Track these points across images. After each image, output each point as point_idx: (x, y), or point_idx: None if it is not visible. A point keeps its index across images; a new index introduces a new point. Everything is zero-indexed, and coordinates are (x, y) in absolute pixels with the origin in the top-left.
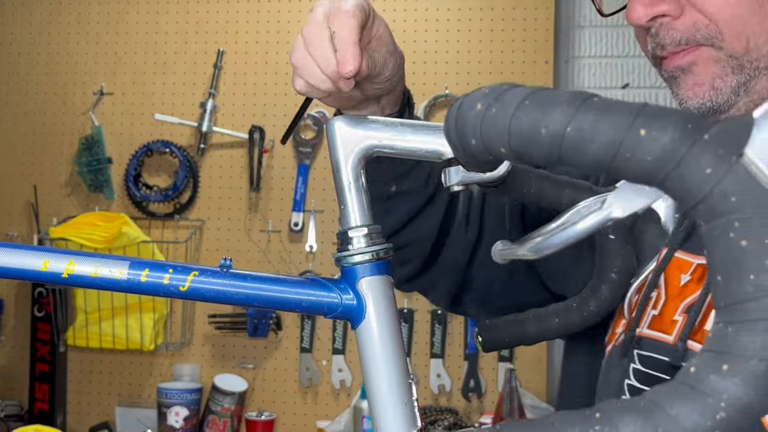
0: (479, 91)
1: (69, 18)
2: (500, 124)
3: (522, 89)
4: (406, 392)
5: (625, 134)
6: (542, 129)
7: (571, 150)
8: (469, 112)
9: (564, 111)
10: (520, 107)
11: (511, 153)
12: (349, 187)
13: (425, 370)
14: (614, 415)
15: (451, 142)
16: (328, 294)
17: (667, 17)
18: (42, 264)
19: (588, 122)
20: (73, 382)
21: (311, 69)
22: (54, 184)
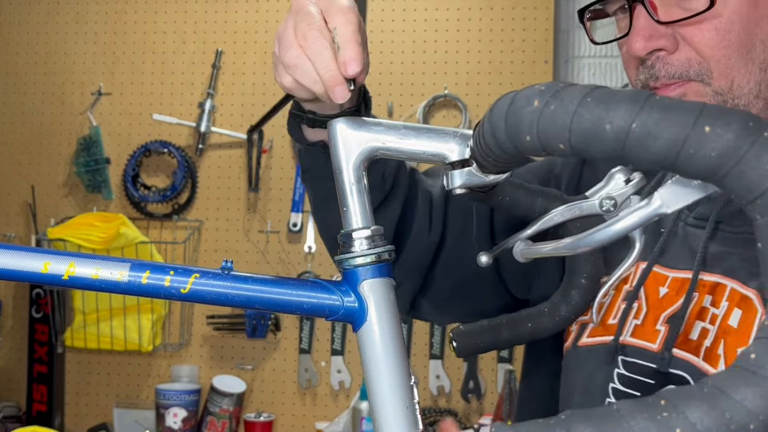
0: (533, 89)
1: (67, 18)
2: (560, 120)
3: (581, 87)
4: (407, 395)
5: (690, 131)
6: (606, 125)
7: (635, 146)
8: (525, 109)
9: (628, 108)
10: (582, 104)
11: (570, 149)
12: (351, 189)
13: (424, 371)
14: (680, 402)
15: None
16: (330, 296)
17: (663, 51)
18: (42, 266)
19: (653, 119)
20: (71, 384)
21: (306, 68)
22: (52, 184)
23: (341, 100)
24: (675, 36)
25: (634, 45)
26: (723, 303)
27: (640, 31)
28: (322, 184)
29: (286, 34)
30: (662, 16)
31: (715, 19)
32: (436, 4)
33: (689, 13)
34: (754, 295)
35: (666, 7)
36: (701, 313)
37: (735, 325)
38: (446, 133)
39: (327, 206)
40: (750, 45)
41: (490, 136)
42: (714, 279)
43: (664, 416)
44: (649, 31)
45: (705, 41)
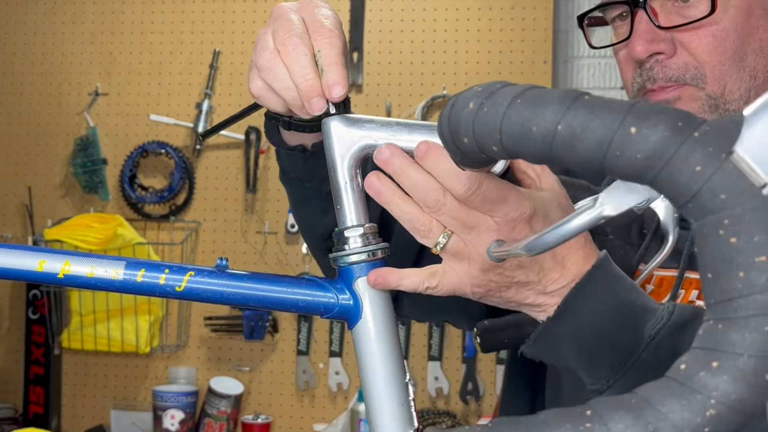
0: (472, 90)
1: (63, 18)
2: (492, 122)
3: (513, 87)
4: (402, 392)
5: (615, 132)
6: (533, 127)
7: (562, 148)
8: (462, 111)
9: (554, 109)
10: (512, 106)
11: (503, 151)
12: (345, 187)
13: (423, 373)
14: (605, 413)
15: (444, 140)
16: (325, 294)
17: (662, 55)
18: (38, 264)
19: (578, 120)
20: (67, 385)
21: (279, 72)
22: (48, 185)
23: (317, 112)
24: (673, 41)
25: (636, 48)
26: None
27: (642, 34)
28: (301, 185)
29: (264, 37)
30: (662, 21)
31: (712, 26)
32: (435, 4)
33: (688, 20)
34: None
35: (666, 13)
36: None
37: None
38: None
39: (305, 207)
40: (743, 53)
41: (441, 137)
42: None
43: (587, 426)
44: (651, 35)
45: (702, 47)
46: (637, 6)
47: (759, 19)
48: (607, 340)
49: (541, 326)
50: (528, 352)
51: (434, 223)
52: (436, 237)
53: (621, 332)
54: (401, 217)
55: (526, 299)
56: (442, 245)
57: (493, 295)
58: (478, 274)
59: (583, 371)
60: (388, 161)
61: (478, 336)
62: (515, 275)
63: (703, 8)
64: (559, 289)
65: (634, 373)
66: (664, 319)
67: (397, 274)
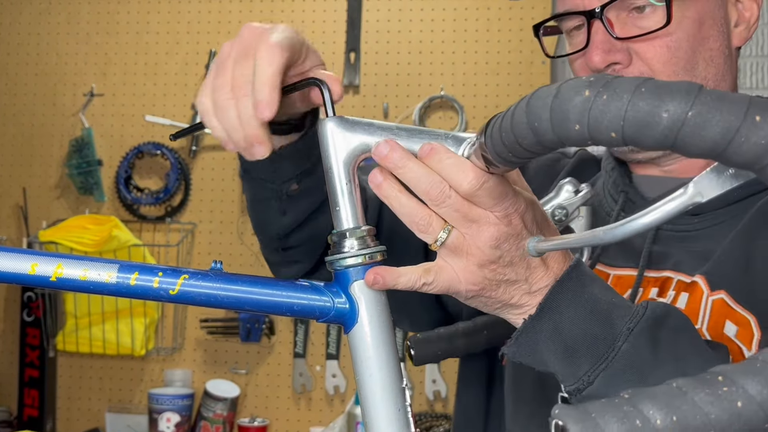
0: (580, 80)
1: (58, 18)
2: (615, 109)
3: (631, 78)
4: (399, 397)
5: (743, 120)
6: (663, 113)
7: (689, 135)
8: (573, 99)
9: (684, 98)
10: (637, 93)
11: (621, 138)
12: (342, 189)
13: (420, 376)
14: (737, 377)
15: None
16: (321, 297)
17: (619, 65)
18: (30, 267)
19: (707, 108)
20: (62, 388)
21: (230, 117)
22: (43, 186)
23: (258, 158)
24: (629, 51)
25: (594, 58)
26: (670, 293)
27: (599, 45)
28: (261, 185)
29: (224, 65)
30: (618, 32)
31: (666, 37)
32: (432, 4)
33: (644, 31)
34: (701, 279)
35: (621, 24)
36: None
37: (683, 306)
38: (439, 135)
39: (264, 206)
40: (694, 62)
41: (526, 128)
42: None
43: (724, 391)
44: (607, 45)
45: (657, 57)
46: (594, 17)
47: (709, 29)
48: (585, 336)
49: (522, 325)
50: (509, 353)
51: (434, 217)
52: (436, 232)
53: (598, 327)
54: (401, 211)
55: (512, 299)
56: (442, 240)
57: (483, 295)
58: (474, 270)
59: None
60: (388, 156)
61: (411, 348)
62: (506, 273)
63: (658, 19)
64: (542, 289)
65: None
66: (640, 314)
67: (395, 273)
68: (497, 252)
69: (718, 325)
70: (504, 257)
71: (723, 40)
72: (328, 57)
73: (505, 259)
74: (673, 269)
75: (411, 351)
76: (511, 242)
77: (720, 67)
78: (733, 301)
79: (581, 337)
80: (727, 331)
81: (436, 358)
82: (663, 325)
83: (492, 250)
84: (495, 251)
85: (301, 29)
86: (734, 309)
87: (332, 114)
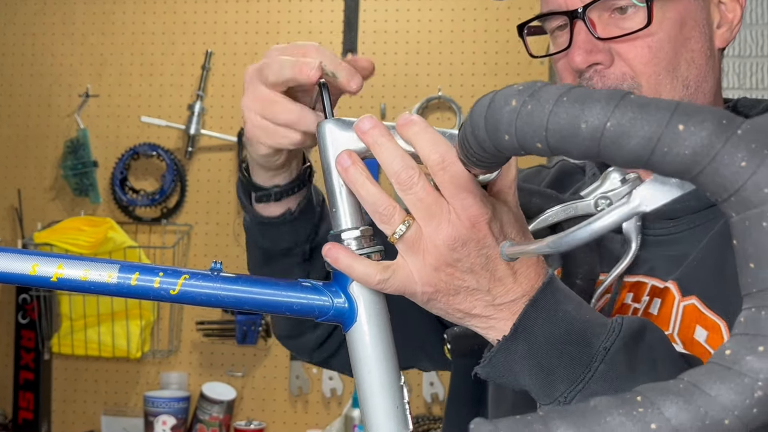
0: (511, 89)
1: (54, 18)
2: (537, 119)
3: (557, 86)
4: (397, 395)
5: (664, 129)
6: (582, 124)
7: (610, 145)
8: (502, 109)
9: (603, 107)
10: (558, 103)
11: (547, 148)
12: (340, 190)
13: (418, 379)
14: (656, 398)
15: (471, 138)
16: (320, 297)
17: (600, 65)
18: (31, 267)
19: (627, 118)
20: (58, 391)
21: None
22: (38, 188)
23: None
24: (611, 52)
25: (576, 58)
26: (644, 298)
27: (581, 45)
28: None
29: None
30: (600, 32)
31: (648, 37)
32: (430, 4)
33: (625, 31)
34: (672, 285)
35: (603, 24)
36: (624, 310)
37: (655, 312)
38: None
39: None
40: (676, 63)
41: (471, 135)
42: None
43: (639, 412)
44: (589, 46)
45: (638, 58)
46: (576, 17)
47: (691, 30)
48: (561, 356)
49: (497, 345)
50: (482, 373)
51: (397, 209)
52: (396, 224)
53: (574, 347)
54: (365, 198)
55: (473, 309)
56: (400, 233)
57: (440, 300)
58: (429, 272)
59: (539, 390)
60: (368, 132)
61: (448, 342)
62: (465, 279)
63: (639, 20)
64: (508, 303)
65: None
66: (616, 331)
67: (351, 258)
68: (454, 254)
69: (688, 330)
70: (462, 262)
71: (705, 42)
72: None
73: (464, 264)
74: (647, 274)
75: (448, 345)
76: (471, 247)
77: (702, 68)
78: (704, 306)
79: (557, 357)
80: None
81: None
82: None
83: (449, 251)
84: (452, 253)
85: (298, 30)
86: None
87: (330, 115)
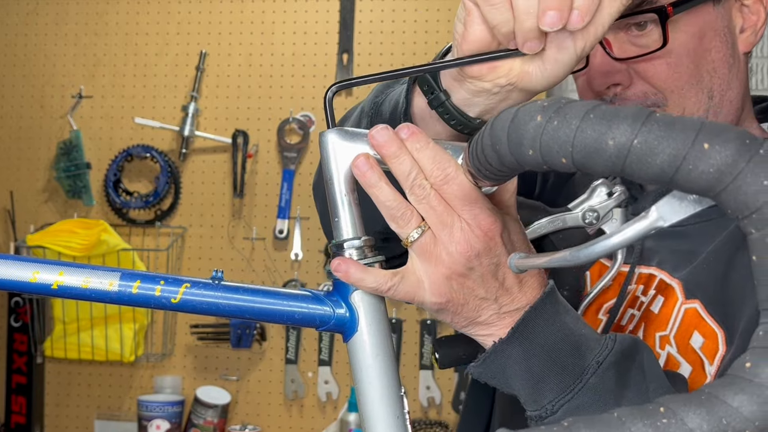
0: (535, 104)
1: (46, 19)
2: (564, 135)
3: (582, 103)
4: (397, 405)
5: (690, 148)
6: (609, 141)
7: (635, 162)
8: (527, 124)
9: (630, 124)
10: (585, 120)
11: (572, 164)
12: (342, 200)
13: (414, 382)
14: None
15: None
16: (321, 307)
17: (620, 86)
18: (31, 275)
19: (654, 135)
20: (50, 395)
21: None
22: (31, 190)
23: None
24: (629, 71)
25: (593, 81)
26: (651, 291)
27: (598, 67)
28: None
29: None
30: (617, 52)
31: (666, 55)
32: (426, 4)
33: (642, 51)
34: (677, 285)
35: (619, 43)
36: (633, 302)
37: (656, 311)
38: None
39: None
40: (699, 76)
41: (491, 149)
42: (648, 271)
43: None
44: (606, 67)
45: (658, 75)
46: None
47: (711, 41)
48: (554, 365)
49: (492, 347)
50: (474, 373)
51: (414, 214)
52: (411, 228)
53: (567, 358)
54: (383, 202)
55: (480, 316)
56: (414, 238)
57: (449, 309)
58: (441, 281)
59: (528, 396)
60: (385, 144)
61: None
62: (475, 288)
63: (656, 38)
64: (512, 312)
65: (582, 398)
66: (609, 347)
67: (361, 271)
68: (468, 264)
69: (686, 334)
70: (475, 271)
71: (727, 50)
72: (321, 58)
73: (476, 273)
74: (658, 266)
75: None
76: (484, 257)
77: (725, 77)
78: (706, 312)
79: (549, 365)
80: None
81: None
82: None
83: (464, 260)
84: (466, 263)
85: (293, 30)
86: (705, 320)
87: (332, 125)
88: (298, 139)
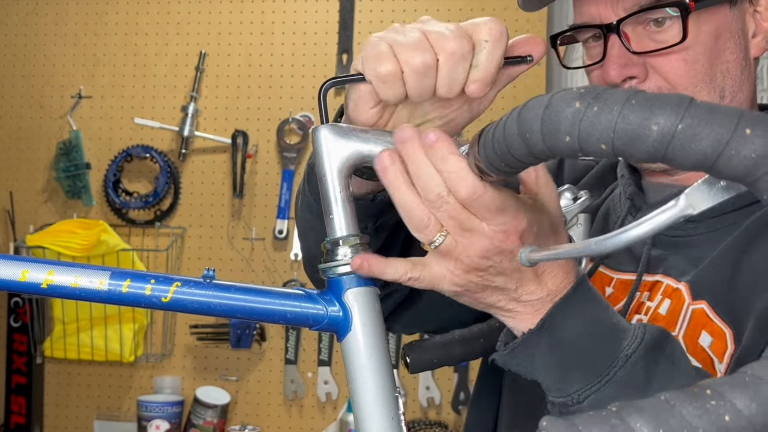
0: (570, 92)
1: (46, 19)
2: (605, 121)
3: (622, 90)
4: (392, 406)
5: (733, 133)
6: (653, 126)
7: (678, 148)
8: (564, 110)
9: (674, 110)
10: (627, 106)
11: (611, 150)
12: (336, 197)
13: (413, 382)
14: (725, 391)
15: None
16: (314, 306)
17: (635, 79)
18: (21, 274)
19: (698, 121)
20: (50, 395)
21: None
22: (30, 190)
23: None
24: (645, 65)
25: (610, 72)
26: (658, 297)
27: (616, 59)
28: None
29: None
30: (634, 46)
31: (683, 51)
32: (426, 5)
33: (660, 45)
34: (684, 287)
35: (637, 38)
36: (639, 308)
37: (664, 312)
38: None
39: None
40: (712, 75)
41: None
42: (654, 278)
43: (712, 404)
44: (623, 59)
45: (674, 71)
46: (610, 31)
47: (726, 42)
48: (582, 356)
49: (522, 338)
50: (499, 360)
51: (433, 219)
52: (432, 234)
53: (596, 350)
54: (402, 203)
55: (498, 302)
56: (437, 245)
57: (467, 295)
58: (460, 274)
59: (552, 384)
60: (406, 142)
61: (406, 356)
62: (494, 280)
63: (674, 33)
64: (532, 301)
65: (609, 389)
66: (638, 338)
67: (383, 263)
68: (487, 262)
69: (694, 334)
70: (495, 267)
71: (740, 52)
72: (321, 58)
73: (495, 268)
74: (664, 273)
75: (407, 358)
76: (503, 256)
77: (736, 79)
78: (713, 312)
79: (578, 356)
80: (702, 341)
81: (431, 366)
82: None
83: (481, 260)
84: (485, 261)
85: (293, 31)
86: (713, 320)
87: (326, 121)
88: (297, 139)
